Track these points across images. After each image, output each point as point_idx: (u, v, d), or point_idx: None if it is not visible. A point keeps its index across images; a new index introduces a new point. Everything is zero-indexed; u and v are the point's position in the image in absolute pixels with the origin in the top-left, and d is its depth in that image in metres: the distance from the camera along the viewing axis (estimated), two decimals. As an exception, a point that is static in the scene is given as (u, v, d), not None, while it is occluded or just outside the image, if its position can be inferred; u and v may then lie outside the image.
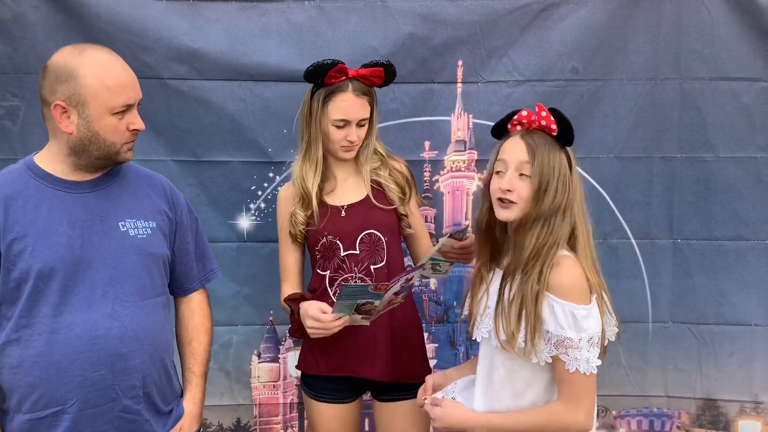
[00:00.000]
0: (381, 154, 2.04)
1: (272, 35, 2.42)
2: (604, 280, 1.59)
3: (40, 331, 1.53)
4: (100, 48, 1.57)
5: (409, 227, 2.05)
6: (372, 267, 1.95)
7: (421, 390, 1.79)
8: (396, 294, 1.79)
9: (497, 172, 1.57)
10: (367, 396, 2.14)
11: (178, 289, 1.83)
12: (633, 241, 2.58)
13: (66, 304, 1.54)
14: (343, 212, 1.98)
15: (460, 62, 2.47)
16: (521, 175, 1.53)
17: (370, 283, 1.63)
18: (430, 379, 1.81)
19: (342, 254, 1.96)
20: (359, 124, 1.94)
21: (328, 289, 1.98)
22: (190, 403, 1.79)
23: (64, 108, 1.51)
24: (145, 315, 1.63)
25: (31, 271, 1.52)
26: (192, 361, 1.82)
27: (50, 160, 1.59)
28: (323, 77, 1.89)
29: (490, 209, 1.59)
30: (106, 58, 1.54)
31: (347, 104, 1.91)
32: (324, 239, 1.97)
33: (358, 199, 2.01)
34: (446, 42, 2.45)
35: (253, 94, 2.44)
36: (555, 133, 1.55)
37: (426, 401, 1.72)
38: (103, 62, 1.52)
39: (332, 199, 2.00)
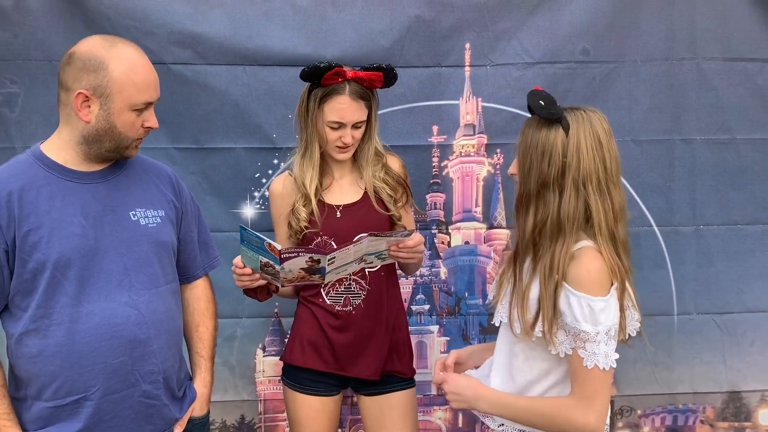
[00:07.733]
0: (380, 153, 2.09)
1: (276, 19, 2.49)
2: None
3: (59, 321, 1.61)
4: (130, 44, 1.66)
5: (404, 229, 2.10)
6: (367, 270, 2.02)
7: (439, 363, 1.81)
8: (305, 272, 1.77)
9: None
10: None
11: (183, 276, 1.91)
12: (656, 228, 2.60)
13: (84, 294, 1.62)
14: (338, 213, 2.04)
15: (467, 45, 2.53)
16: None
17: (266, 238, 1.68)
18: (453, 354, 1.83)
19: None
20: (355, 126, 1.99)
21: (321, 289, 2.05)
22: (201, 385, 1.89)
23: (87, 97, 1.58)
24: (159, 302, 1.72)
25: (47, 262, 1.59)
26: (200, 346, 1.91)
27: (59, 148, 1.66)
28: (319, 79, 1.95)
29: None
30: (136, 54, 1.63)
31: (343, 107, 1.95)
32: (319, 239, 2.03)
33: (354, 200, 2.07)
34: (453, 25, 2.53)
35: (258, 78, 2.51)
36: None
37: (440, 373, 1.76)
38: (133, 59, 1.61)
39: (329, 198, 2.07)
